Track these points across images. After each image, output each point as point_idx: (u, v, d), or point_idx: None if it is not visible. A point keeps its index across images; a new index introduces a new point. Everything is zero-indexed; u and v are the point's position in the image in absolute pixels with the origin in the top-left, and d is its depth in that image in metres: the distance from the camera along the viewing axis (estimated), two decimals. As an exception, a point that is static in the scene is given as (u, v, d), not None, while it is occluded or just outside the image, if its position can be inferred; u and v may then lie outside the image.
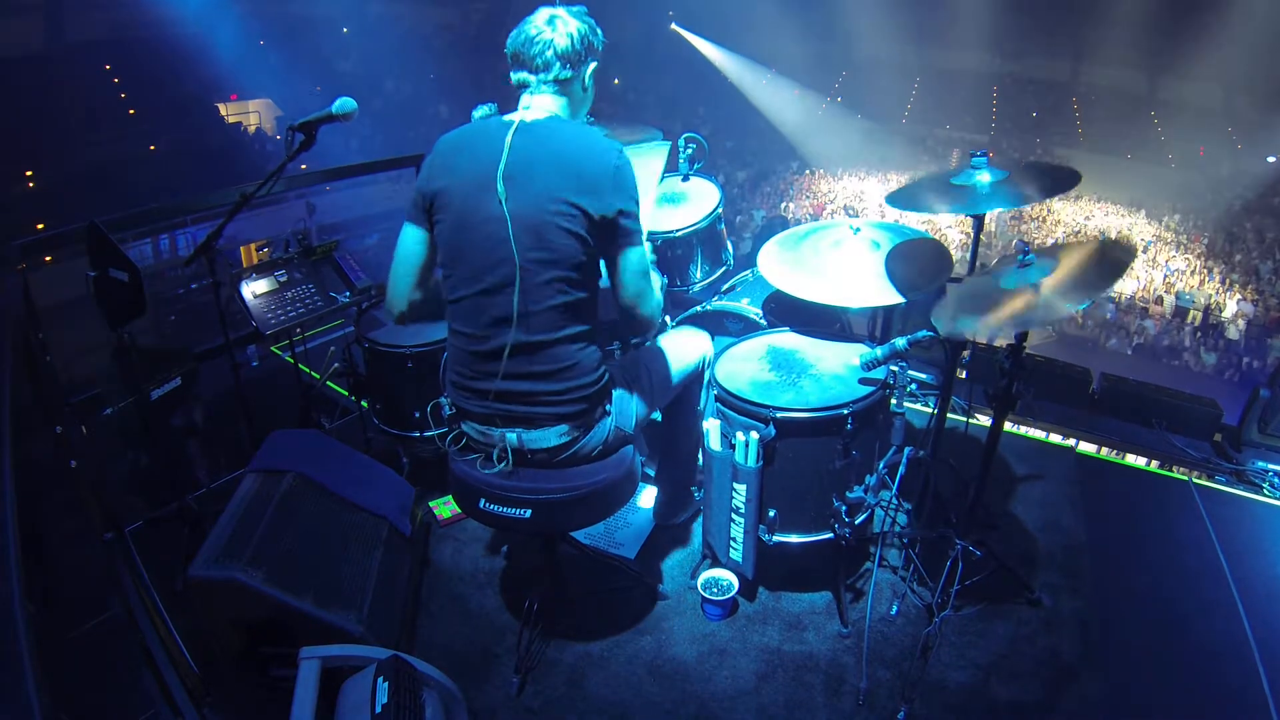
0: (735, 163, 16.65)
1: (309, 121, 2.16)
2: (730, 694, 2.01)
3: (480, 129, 1.73)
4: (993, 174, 2.09)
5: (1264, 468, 3.01)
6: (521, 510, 1.84)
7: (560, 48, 1.69)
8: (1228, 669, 2.12)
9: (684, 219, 2.60)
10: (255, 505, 1.99)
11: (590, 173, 1.65)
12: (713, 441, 2.11)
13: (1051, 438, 3.24)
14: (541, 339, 1.71)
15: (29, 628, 1.05)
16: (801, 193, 16.62)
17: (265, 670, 1.87)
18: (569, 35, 1.70)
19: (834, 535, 2.10)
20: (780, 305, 2.67)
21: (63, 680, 1.56)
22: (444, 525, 2.65)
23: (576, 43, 1.70)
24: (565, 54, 1.70)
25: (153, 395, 2.47)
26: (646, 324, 1.84)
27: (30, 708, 0.90)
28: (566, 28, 1.70)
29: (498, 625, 2.25)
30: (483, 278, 1.69)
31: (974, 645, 2.13)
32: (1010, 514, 2.71)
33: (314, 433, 2.64)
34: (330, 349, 2.93)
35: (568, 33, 1.70)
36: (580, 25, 1.72)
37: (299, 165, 2.31)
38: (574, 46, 1.70)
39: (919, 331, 2.02)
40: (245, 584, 1.73)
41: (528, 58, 1.71)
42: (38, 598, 1.47)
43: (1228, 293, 12.30)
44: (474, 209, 1.66)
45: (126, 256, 2.36)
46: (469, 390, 1.80)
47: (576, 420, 1.80)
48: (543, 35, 1.68)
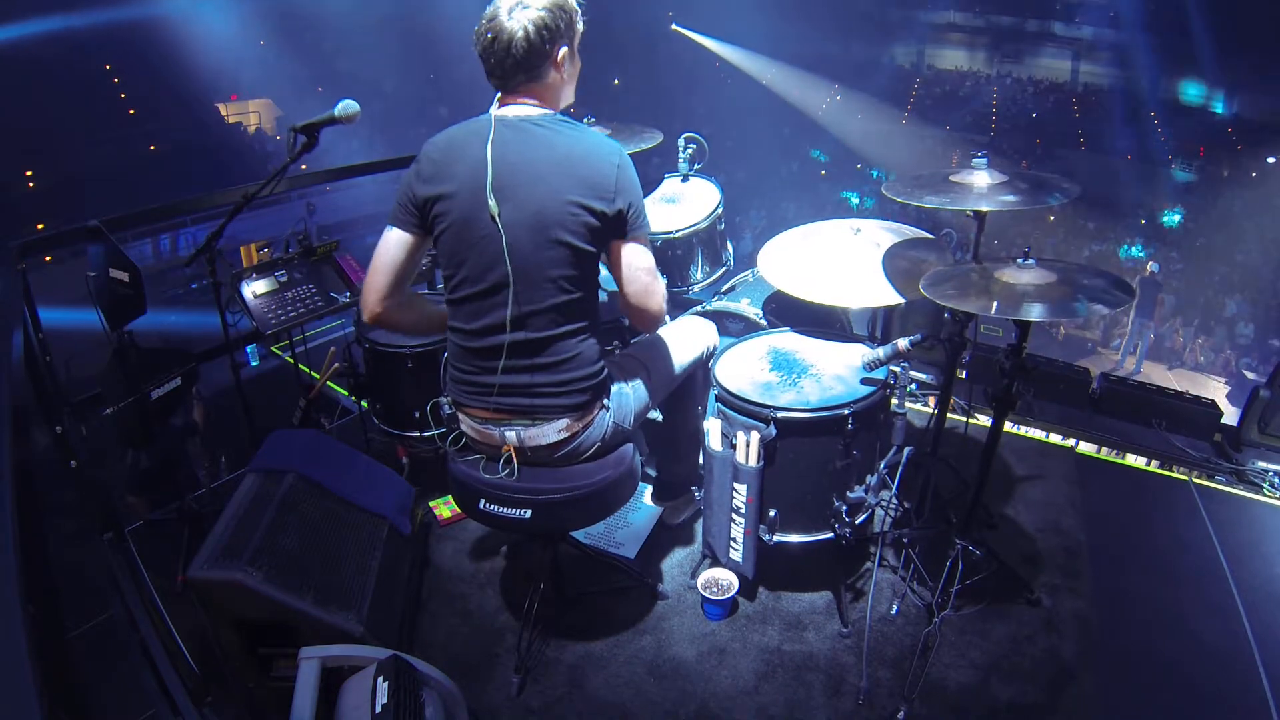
0: (735, 163, 16.64)
1: (311, 124, 2.15)
2: (730, 694, 2.01)
3: (471, 132, 1.69)
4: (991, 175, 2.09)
5: (1264, 468, 3.01)
6: (522, 510, 1.84)
7: (521, 44, 1.60)
8: (1228, 669, 2.12)
9: (684, 219, 2.60)
10: (255, 505, 1.98)
11: (594, 173, 1.64)
12: (713, 441, 2.11)
13: (1051, 438, 3.24)
14: (542, 335, 1.72)
15: (29, 628, 1.05)
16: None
17: (265, 670, 1.87)
18: (528, 25, 1.59)
19: (834, 535, 2.10)
20: (780, 305, 2.67)
21: (63, 680, 1.56)
22: (444, 525, 2.65)
23: (541, 30, 1.60)
24: (531, 47, 1.61)
25: (152, 395, 2.46)
26: (655, 319, 1.84)
27: (30, 708, 0.90)
28: (526, 16, 1.59)
29: (498, 625, 2.25)
30: (483, 279, 1.69)
31: (974, 645, 2.13)
32: (1010, 514, 2.72)
33: (314, 433, 2.63)
34: (330, 349, 2.93)
35: (527, 22, 1.59)
36: (540, 9, 1.61)
37: (299, 166, 2.31)
38: (539, 36, 1.61)
39: (919, 333, 2.03)
40: (245, 584, 1.73)
41: (493, 63, 1.64)
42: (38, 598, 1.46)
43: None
44: (474, 216, 1.65)
45: (126, 256, 2.36)
46: (470, 384, 1.81)
47: (576, 412, 1.80)
48: (501, 36, 1.60)
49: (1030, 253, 1.88)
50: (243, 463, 2.65)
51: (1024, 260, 1.86)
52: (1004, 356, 1.96)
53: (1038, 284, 1.82)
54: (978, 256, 2.32)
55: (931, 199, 2.06)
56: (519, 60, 1.63)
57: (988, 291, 1.82)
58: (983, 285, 1.85)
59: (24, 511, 1.54)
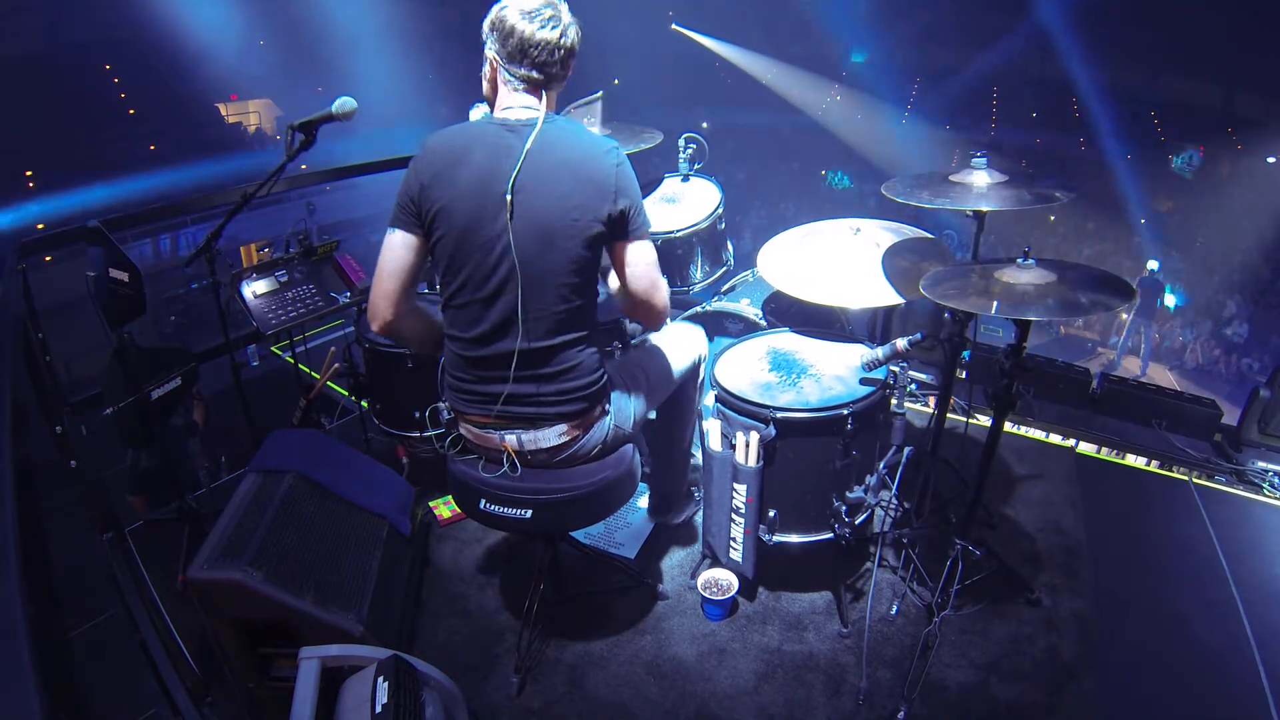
0: (735, 163, 16.63)
1: (309, 121, 2.15)
2: (730, 694, 2.01)
3: (475, 135, 1.66)
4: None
5: (1264, 468, 3.01)
6: (522, 511, 1.84)
7: (565, 48, 1.65)
8: (1228, 669, 2.12)
9: (684, 219, 2.60)
10: (255, 505, 1.98)
11: (595, 175, 1.64)
12: (713, 441, 2.11)
13: (1051, 438, 3.24)
14: (543, 344, 1.71)
15: (29, 628, 1.05)
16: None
17: (265, 670, 1.87)
18: (577, 32, 1.66)
19: (834, 535, 2.10)
20: (780, 305, 2.67)
21: (63, 680, 1.56)
22: (444, 525, 2.65)
23: (576, 40, 1.67)
24: (569, 54, 1.67)
25: (152, 395, 2.46)
26: (660, 315, 1.84)
27: (30, 708, 0.90)
28: (571, 26, 1.65)
29: (498, 625, 2.25)
30: (484, 285, 1.67)
31: (974, 645, 2.13)
32: (1010, 514, 2.72)
33: (314, 433, 2.64)
34: (330, 349, 2.93)
35: (577, 31, 1.66)
36: (573, 20, 1.66)
37: (299, 165, 2.30)
38: (574, 45, 1.67)
39: (918, 333, 2.03)
40: (245, 584, 1.73)
41: (543, 59, 1.63)
42: (38, 598, 1.47)
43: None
44: (478, 222, 1.63)
45: (126, 256, 2.36)
46: (470, 393, 1.80)
47: (576, 420, 1.80)
48: (553, 36, 1.62)
49: (1030, 252, 1.88)
50: (243, 463, 2.65)
51: (1024, 260, 1.86)
52: (1004, 356, 1.96)
53: (1038, 284, 1.81)
54: (977, 256, 2.32)
55: (931, 199, 2.06)
56: (563, 61, 1.66)
57: (988, 291, 1.82)
58: (983, 285, 1.85)
59: (24, 511, 1.54)
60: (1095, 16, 13.37)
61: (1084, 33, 13.86)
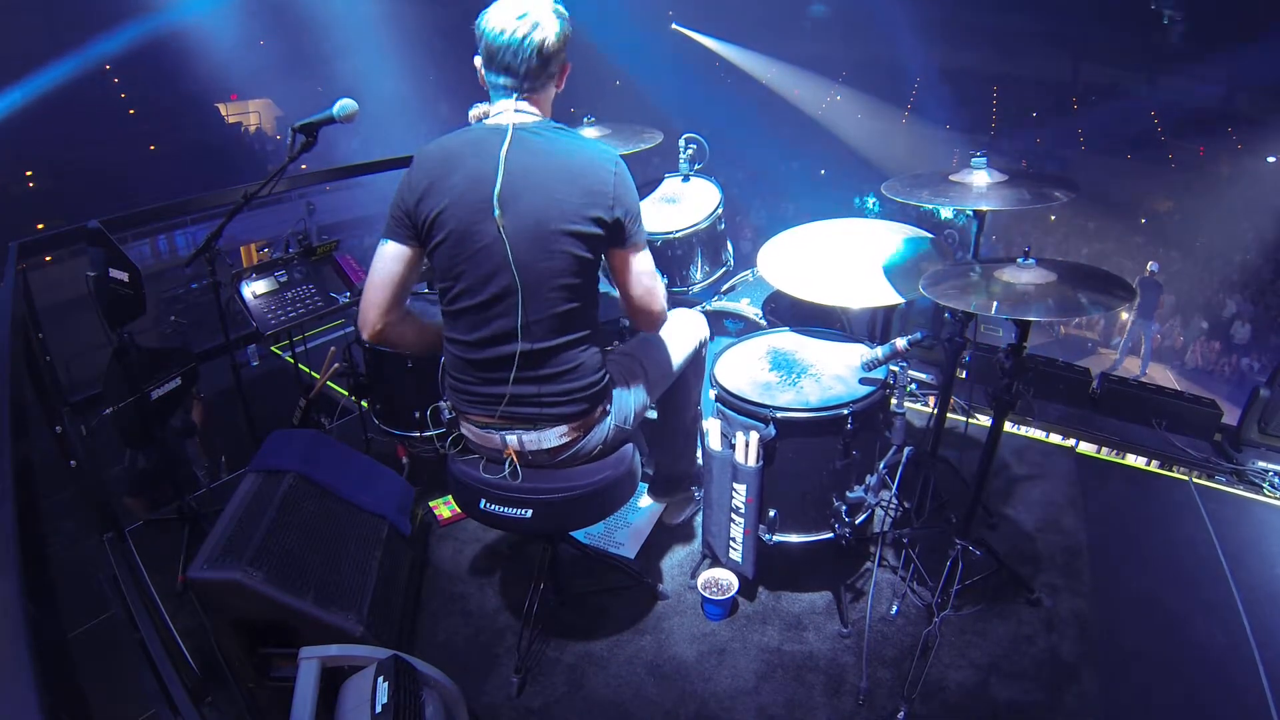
0: (735, 163, 16.64)
1: (310, 123, 2.15)
2: (730, 694, 2.01)
3: (469, 141, 1.66)
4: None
5: (1264, 468, 3.01)
6: (522, 510, 1.84)
7: (546, 48, 1.61)
8: (1228, 669, 2.12)
9: (684, 219, 2.60)
10: (255, 505, 1.98)
11: (593, 180, 1.63)
12: (713, 441, 2.11)
13: (1051, 438, 3.24)
14: (544, 345, 1.71)
15: (29, 628, 1.05)
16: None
17: (265, 670, 1.87)
18: (554, 32, 1.61)
19: (834, 535, 2.10)
20: (780, 305, 2.67)
21: (62, 680, 1.56)
22: (444, 525, 2.65)
23: (558, 38, 1.63)
24: (550, 53, 1.63)
25: (152, 395, 2.46)
26: (659, 320, 1.85)
27: (30, 708, 0.90)
28: (551, 23, 1.60)
29: (498, 625, 2.25)
30: (483, 289, 1.67)
31: (974, 645, 2.13)
32: (1010, 514, 2.72)
33: (314, 433, 2.63)
34: (330, 349, 2.93)
35: (554, 31, 1.61)
36: (558, 15, 1.62)
37: (299, 165, 2.31)
38: (556, 43, 1.63)
39: (918, 332, 2.03)
40: (245, 584, 1.73)
41: (511, 62, 1.60)
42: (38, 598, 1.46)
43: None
44: (473, 229, 1.62)
45: (126, 256, 2.36)
46: (471, 395, 1.80)
47: (576, 421, 1.80)
48: (529, 35, 1.58)
49: (1030, 252, 1.88)
50: (243, 463, 2.65)
51: (1024, 260, 1.86)
52: (1004, 356, 1.96)
53: (1038, 284, 1.81)
54: (977, 256, 2.32)
55: (931, 199, 2.06)
56: (543, 63, 1.63)
57: (988, 291, 1.82)
58: (983, 285, 1.85)
59: (24, 511, 1.54)
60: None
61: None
